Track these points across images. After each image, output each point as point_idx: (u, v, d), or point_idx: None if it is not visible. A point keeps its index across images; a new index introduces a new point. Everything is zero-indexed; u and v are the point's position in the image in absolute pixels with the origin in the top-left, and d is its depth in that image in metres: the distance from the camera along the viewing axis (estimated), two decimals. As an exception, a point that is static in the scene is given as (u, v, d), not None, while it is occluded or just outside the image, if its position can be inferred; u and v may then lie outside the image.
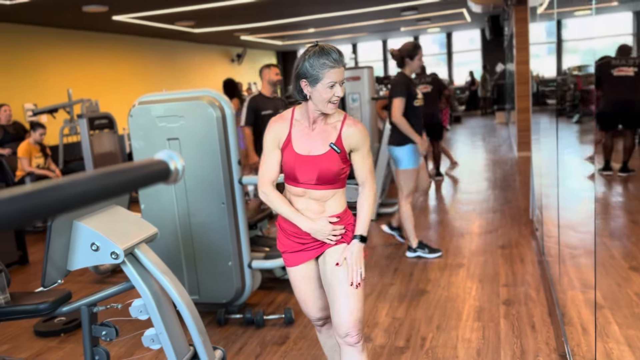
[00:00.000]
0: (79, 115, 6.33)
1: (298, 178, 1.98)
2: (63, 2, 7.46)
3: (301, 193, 2.01)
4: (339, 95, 1.90)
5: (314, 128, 1.98)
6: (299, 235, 2.06)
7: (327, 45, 1.90)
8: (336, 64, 1.87)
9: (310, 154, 1.96)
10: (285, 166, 2.00)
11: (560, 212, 3.14)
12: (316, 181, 1.96)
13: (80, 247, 2.11)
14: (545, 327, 2.96)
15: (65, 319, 3.43)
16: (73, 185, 0.50)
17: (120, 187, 0.57)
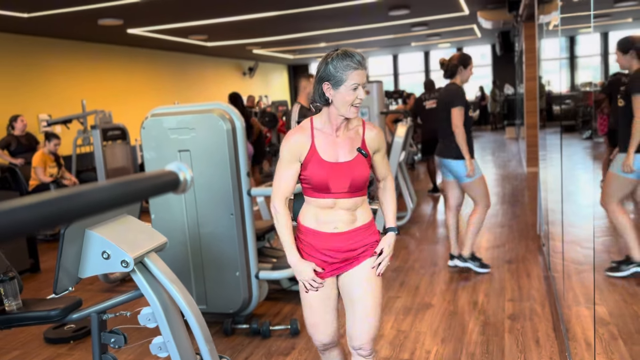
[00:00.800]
0: (92, 126, 6.44)
1: (330, 188, 1.91)
2: (79, 15, 7.63)
3: (331, 204, 1.94)
4: (362, 98, 1.88)
5: (338, 135, 1.94)
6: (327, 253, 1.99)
7: (349, 49, 1.89)
8: (359, 65, 1.85)
9: (340, 161, 1.92)
10: (316, 177, 1.92)
11: (566, 228, 3.15)
12: (349, 189, 1.92)
13: (92, 255, 2.17)
14: (550, 342, 2.96)
15: (75, 326, 3.48)
16: (89, 194, 0.55)
17: (132, 196, 0.62)
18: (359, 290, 1.99)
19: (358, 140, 1.96)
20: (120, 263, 2.12)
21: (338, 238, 1.96)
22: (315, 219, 1.98)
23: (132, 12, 7.74)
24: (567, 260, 3.19)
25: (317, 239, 1.98)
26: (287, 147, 1.95)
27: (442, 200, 7.07)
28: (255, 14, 8.54)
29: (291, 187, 1.97)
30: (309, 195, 1.98)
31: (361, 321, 1.99)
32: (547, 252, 4.19)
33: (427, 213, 6.46)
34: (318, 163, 1.91)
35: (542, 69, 5.63)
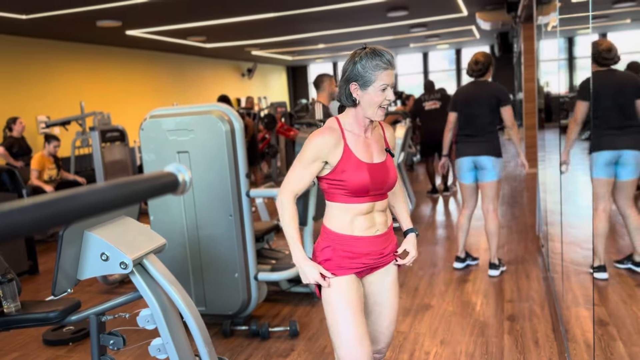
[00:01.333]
0: (90, 127, 6.44)
1: (370, 191, 1.82)
2: (77, 17, 7.63)
3: (369, 209, 1.85)
4: (390, 99, 1.80)
5: (368, 136, 1.88)
6: (366, 258, 1.88)
7: (378, 47, 1.80)
8: (389, 65, 1.77)
9: (376, 161, 1.86)
10: (355, 181, 1.79)
11: (565, 229, 3.16)
12: (385, 190, 1.87)
13: (91, 256, 2.17)
14: (549, 343, 2.96)
15: (74, 328, 3.48)
16: (87, 196, 0.55)
17: (131, 198, 0.61)
18: (389, 295, 1.97)
19: (382, 140, 1.93)
20: (119, 265, 2.12)
21: (379, 240, 1.89)
22: (352, 226, 1.84)
23: (130, 13, 7.74)
24: (566, 261, 3.19)
25: (358, 246, 1.85)
26: (313, 146, 1.81)
27: (442, 201, 7.07)
28: (253, 15, 8.55)
29: (304, 186, 1.87)
30: (344, 201, 1.84)
31: (388, 326, 1.99)
32: (546, 253, 4.19)
33: (426, 214, 6.46)
34: (356, 166, 1.80)
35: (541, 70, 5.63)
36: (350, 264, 1.86)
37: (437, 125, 6.92)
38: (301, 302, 3.81)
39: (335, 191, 1.85)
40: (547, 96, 5.49)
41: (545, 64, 5.17)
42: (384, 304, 1.97)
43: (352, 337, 1.81)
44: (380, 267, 1.95)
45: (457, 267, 4.31)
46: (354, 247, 1.86)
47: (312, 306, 3.72)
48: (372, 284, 1.96)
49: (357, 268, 1.87)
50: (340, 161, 1.81)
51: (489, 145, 3.98)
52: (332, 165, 1.82)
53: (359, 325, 1.82)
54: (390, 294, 1.98)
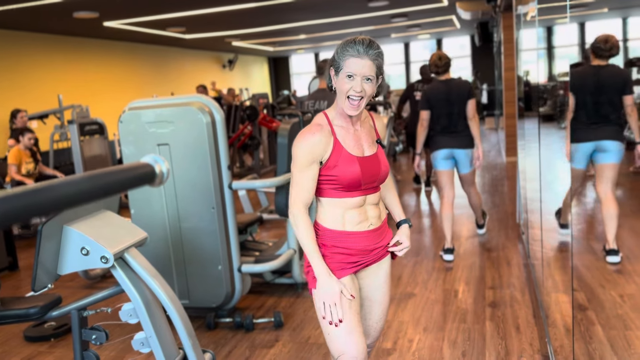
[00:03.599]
0: (69, 121, 6.34)
1: (362, 184, 1.77)
2: (53, 8, 7.48)
3: (361, 202, 1.81)
4: (356, 91, 1.69)
5: (357, 128, 1.83)
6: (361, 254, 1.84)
7: (361, 37, 1.72)
8: (359, 54, 1.68)
9: (368, 154, 1.81)
10: (348, 175, 1.75)
11: (544, 216, 3.20)
12: (377, 183, 1.83)
13: (70, 251, 2.14)
14: (530, 328, 3.01)
15: (55, 324, 3.44)
16: (63, 187, 0.54)
17: (108, 189, 0.60)
18: (381, 290, 1.95)
19: (373, 131, 1.87)
20: (100, 259, 2.10)
21: (373, 235, 1.84)
22: (343, 221, 1.80)
23: (107, 4, 7.61)
24: (546, 248, 3.24)
25: (352, 241, 1.81)
26: (306, 148, 1.73)
27: (425, 191, 7.11)
28: (233, 5, 8.46)
29: (312, 192, 1.77)
30: (335, 196, 1.79)
31: (378, 321, 1.99)
32: (526, 240, 4.25)
33: (409, 204, 6.50)
34: (347, 160, 1.75)
35: (521, 59, 5.68)
36: (347, 264, 1.81)
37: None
38: (285, 293, 3.82)
39: (325, 186, 1.79)
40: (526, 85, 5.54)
41: (525, 53, 5.21)
42: (376, 299, 1.95)
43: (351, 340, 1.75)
44: (373, 262, 1.90)
45: (447, 259, 4.23)
46: (347, 243, 1.80)
47: (296, 297, 3.73)
48: (365, 279, 1.92)
49: (352, 267, 1.82)
50: (331, 156, 1.75)
51: (467, 139, 4.22)
52: (323, 162, 1.77)
53: (357, 326, 1.77)
54: (382, 289, 1.95)
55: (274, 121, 9.51)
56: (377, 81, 1.74)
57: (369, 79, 1.70)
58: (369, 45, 1.69)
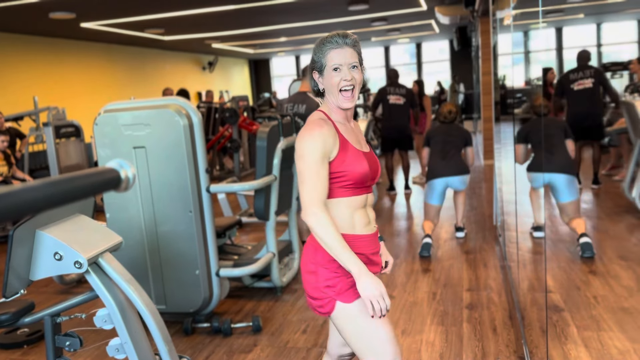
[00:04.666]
0: (44, 123, 6.23)
1: (369, 180, 1.72)
2: (29, 8, 7.36)
3: (364, 201, 1.74)
4: (347, 79, 1.65)
5: (352, 126, 1.80)
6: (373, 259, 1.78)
7: (336, 31, 1.71)
8: (338, 45, 1.65)
9: (366, 150, 1.78)
10: (358, 170, 1.67)
11: (520, 219, 3.24)
12: (376, 180, 1.79)
13: (43, 256, 2.10)
14: (506, 330, 3.04)
15: (29, 330, 3.38)
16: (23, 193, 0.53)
17: (71, 195, 0.59)
18: None
19: (360, 129, 1.86)
20: (74, 264, 2.07)
21: (375, 238, 1.79)
22: (353, 223, 1.70)
23: (84, 5, 7.52)
24: (521, 250, 3.28)
25: (365, 245, 1.72)
26: (318, 142, 1.63)
27: (402, 194, 7.15)
28: (213, 7, 8.43)
29: (327, 190, 1.66)
30: (343, 195, 1.69)
31: None
32: (503, 242, 4.30)
33: (387, 207, 6.53)
34: (355, 154, 1.69)
35: (498, 64, 5.76)
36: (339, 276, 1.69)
37: (398, 120, 6.94)
38: (264, 297, 3.80)
39: (339, 184, 1.68)
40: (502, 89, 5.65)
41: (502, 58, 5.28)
42: None
43: (392, 341, 1.71)
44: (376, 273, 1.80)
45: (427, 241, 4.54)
46: (359, 247, 1.69)
47: (275, 301, 3.71)
48: None
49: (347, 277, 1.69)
50: (339, 153, 1.66)
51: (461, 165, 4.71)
52: (331, 158, 1.66)
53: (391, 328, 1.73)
54: None
55: (254, 124, 9.47)
56: (362, 69, 1.71)
57: (354, 66, 1.67)
58: (344, 35, 1.68)
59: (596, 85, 6.06)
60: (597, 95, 6.18)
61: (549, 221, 4.93)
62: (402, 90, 6.94)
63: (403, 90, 6.94)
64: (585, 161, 6.91)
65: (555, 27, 15.15)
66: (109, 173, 0.61)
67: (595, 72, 6.10)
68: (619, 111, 7.27)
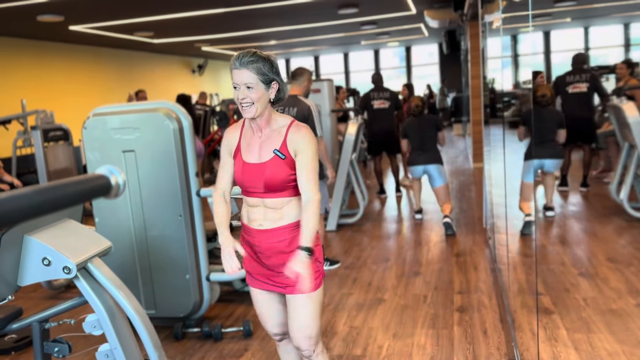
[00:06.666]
0: (32, 126, 6.18)
1: (247, 187, 1.98)
2: (17, 10, 7.29)
3: (256, 202, 1.99)
4: (240, 98, 1.88)
5: (260, 136, 1.97)
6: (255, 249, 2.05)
7: (244, 50, 1.92)
8: (235, 67, 1.88)
9: (257, 161, 1.96)
10: (235, 175, 2.01)
11: (510, 221, 3.26)
12: (264, 189, 1.94)
13: (31, 262, 2.08)
14: (497, 332, 3.05)
15: (16, 337, 3.33)
16: (10, 201, 0.52)
17: (60, 202, 0.58)
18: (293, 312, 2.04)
19: (279, 140, 1.95)
20: (62, 269, 2.04)
21: (264, 235, 1.99)
22: (247, 216, 2.04)
23: (73, 7, 7.47)
24: (511, 252, 3.30)
25: (248, 235, 2.04)
26: (223, 143, 2.06)
27: (393, 198, 7.16)
28: (202, 10, 8.41)
29: (228, 180, 2.06)
30: (242, 194, 2.04)
31: (292, 322, 2.05)
32: (493, 245, 4.32)
33: (378, 210, 6.53)
34: (238, 161, 1.99)
35: (487, 67, 5.79)
36: (251, 258, 2.11)
37: (384, 124, 6.94)
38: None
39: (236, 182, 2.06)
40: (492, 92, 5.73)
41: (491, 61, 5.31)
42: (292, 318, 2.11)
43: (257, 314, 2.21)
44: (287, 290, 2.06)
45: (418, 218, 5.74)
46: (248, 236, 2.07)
47: (265, 305, 3.69)
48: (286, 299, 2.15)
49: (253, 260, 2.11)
50: (233, 155, 2.02)
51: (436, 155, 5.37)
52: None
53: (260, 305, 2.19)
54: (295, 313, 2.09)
55: (244, 127, 9.43)
56: (265, 87, 1.89)
57: (249, 86, 1.87)
58: (244, 56, 1.88)
59: (591, 90, 6.12)
60: (590, 99, 6.24)
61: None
62: (387, 94, 6.96)
63: (387, 94, 6.96)
64: (574, 164, 6.97)
65: (543, 31, 15.28)
66: (99, 180, 0.61)
67: (592, 77, 6.17)
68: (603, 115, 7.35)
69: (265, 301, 2.13)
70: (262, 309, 2.16)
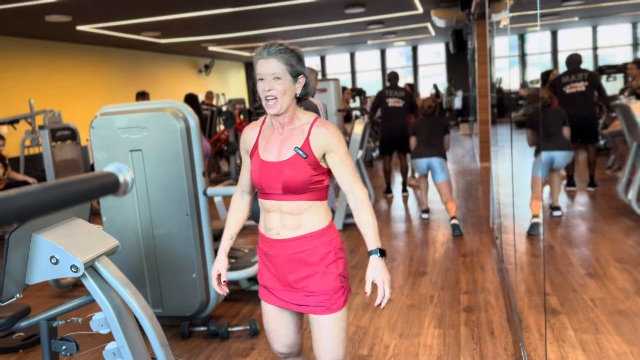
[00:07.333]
0: (40, 126, 6.22)
1: (264, 188, 1.79)
2: (25, 11, 7.34)
3: (273, 207, 1.81)
4: (265, 90, 1.72)
5: (281, 133, 1.80)
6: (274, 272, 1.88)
7: (270, 42, 1.78)
8: (262, 56, 1.73)
9: (275, 159, 1.78)
10: (252, 176, 1.83)
11: (517, 221, 3.24)
12: (282, 190, 1.76)
13: (39, 260, 2.09)
14: (504, 333, 3.04)
15: (24, 335, 3.35)
16: (21, 198, 0.52)
17: (70, 199, 0.59)
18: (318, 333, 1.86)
19: (302, 138, 1.77)
20: (70, 268, 2.05)
21: (282, 246, 1.82)
22: (263, 224, 1.88)
23: (81, 8, 7.50)
24: (519, 252, 3.28)
25: (265, 245, 1.87)
26: (242, 140, 1.92)
27: (399, 197, 7.15)
28: (209, 10, 8.42)
29: (246, 178, 1.95)
30: (259, 197, 1.88)
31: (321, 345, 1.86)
32: (500, 245, 4.30)
33: (384, 209, 6.52)
34: (256, 160, 1.83)
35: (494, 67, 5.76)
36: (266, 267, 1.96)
37: (398, 123, 6.94)
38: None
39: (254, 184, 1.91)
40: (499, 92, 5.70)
41: (498, 61, 5.29)
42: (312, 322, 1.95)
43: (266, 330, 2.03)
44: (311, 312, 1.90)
45: (425, 217, 5.78)
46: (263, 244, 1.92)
47: (272, 304, 3.70)
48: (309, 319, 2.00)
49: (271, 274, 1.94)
50: (250, 154, 1.88)
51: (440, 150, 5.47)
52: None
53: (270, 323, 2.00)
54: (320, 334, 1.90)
55: (250, 127, 9.44)
56: (292, 80, 1.75)
57: (277, 77, 1.72)
58: (272, 46, 1.75)
59: (589, 89, 6.08)
60: (589, 98, 6.19)
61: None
62: (402, 93, 6.95)
63: (402, 93, 6.95)
64: (580, 164, 6.93)
65: (551, 30, 15.20)
66: (107, 177, 0.61)
67: (589, 76, 6.11)
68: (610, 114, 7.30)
69: (277, 319, 1.94)
70: (272, 326, 1.96)
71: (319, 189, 1.80)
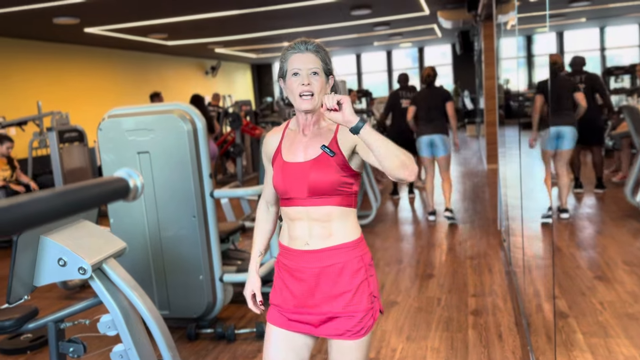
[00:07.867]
0: (48, 128, 6.25)
1: (289, 192, 1.63)
2: (33, 14, 7.38)
3: (299, 214, 1.64)
4: (304, 84, 1.58)
5: (306, 134, 1.66)
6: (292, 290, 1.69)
7: (301, 38, 1.66)
8: (299, 50, 1.61)
9: (300, 160, 1.64)
10: (275, 180, 1.67)
11: (525, 224, 3.22)
12: (308, 193, 1.60)
13: (47, 262, 2.10)
14: (512, 336, 3.02)
15: (32, 336, 3.37)
16: (33, 204, 0.52)
17: (80, 205, 0.58)
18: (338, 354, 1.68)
19: (329, 137, 1.63)
20: (77, 270, 2.06)
21: (310, 257, 1.64)
22: (287, 235, 1.69)
23: (88, 10, 7.54)
24: (527, 255, 3.26)
25: (287, 258, 1.69)
26: (263, 147, 1.77)
27: (406, 199, 7.14)
28: (216, 12, 8.44)
29: (270, 189, 1.76)
30: (282, 206, 1.70)
31: None
32: (508, 248, 4.28)
33: (391, 211, 6.51)
34: (278, 163, 1.68)
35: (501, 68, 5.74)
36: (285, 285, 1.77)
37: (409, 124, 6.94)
38: (268, 303, 3.78)
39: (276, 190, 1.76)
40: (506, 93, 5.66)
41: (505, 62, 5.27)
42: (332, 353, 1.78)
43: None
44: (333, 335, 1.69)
45: (432, 219, 5.78)
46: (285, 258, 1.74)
47: (278, 306, 3.69)
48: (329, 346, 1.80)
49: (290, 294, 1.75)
50: (272, 159, 1.72)
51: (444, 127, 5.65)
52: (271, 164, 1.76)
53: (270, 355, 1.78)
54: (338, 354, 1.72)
55: (257, 128, 9.48)
56: (325, 78, 1.63)
57: (314, 72, 1.60)
58: (307, 42, 1.63)
59: (589, 90, 6.03)
60: (592, 100, 6.15)
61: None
62: (414, 94, 6.95)
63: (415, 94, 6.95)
64: (586, 165, 6.89)
65: (557, 32, 15.13)
66: (117, 182, 0.61)
67: (589, 77, 6.07)
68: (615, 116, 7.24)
69: (284, 345, 1.70)
70: (276, 353, 1.70)
71: (348, 194, 1.64)
